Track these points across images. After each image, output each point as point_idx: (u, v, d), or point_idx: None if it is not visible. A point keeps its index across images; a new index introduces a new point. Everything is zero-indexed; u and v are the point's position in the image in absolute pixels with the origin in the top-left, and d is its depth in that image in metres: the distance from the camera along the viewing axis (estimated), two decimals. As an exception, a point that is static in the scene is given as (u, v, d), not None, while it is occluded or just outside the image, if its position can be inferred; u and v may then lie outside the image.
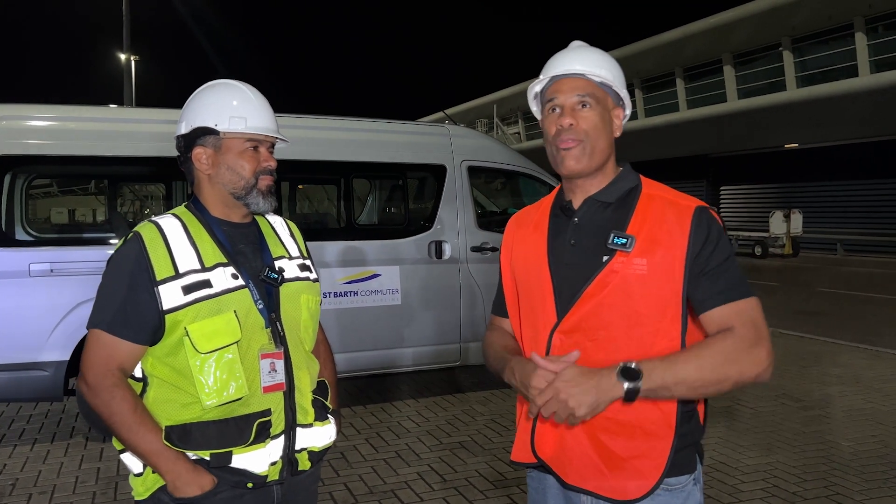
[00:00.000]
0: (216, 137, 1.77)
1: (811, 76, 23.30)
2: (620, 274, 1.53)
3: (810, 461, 4.61)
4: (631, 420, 1.54)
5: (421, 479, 4.38)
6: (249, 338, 1.71)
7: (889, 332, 9.48)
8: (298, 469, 1.81)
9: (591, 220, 1.64)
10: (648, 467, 1.55)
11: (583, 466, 1.58)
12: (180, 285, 1.66)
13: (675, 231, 1.54)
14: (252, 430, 1.69)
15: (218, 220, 1.80)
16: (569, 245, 1.64)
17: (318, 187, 8.77)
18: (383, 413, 5.78)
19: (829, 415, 5.62)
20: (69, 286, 4.75)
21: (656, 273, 1.52)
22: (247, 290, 1.72)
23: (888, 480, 4.28)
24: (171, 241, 1.70)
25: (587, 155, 1.61)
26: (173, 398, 1.68)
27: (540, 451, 1.65)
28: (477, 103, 42.76)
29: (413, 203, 6.53)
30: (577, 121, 1.61)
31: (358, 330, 5.58)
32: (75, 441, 5.09)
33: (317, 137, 5.69)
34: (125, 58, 23.94)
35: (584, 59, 1.67)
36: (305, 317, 1.85)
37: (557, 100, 1.64)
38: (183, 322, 1.65)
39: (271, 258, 1.84)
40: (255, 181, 1.78)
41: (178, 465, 1.64)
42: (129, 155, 5.10)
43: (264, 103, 1.85)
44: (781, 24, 23.05)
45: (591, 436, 1.57)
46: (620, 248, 1.54)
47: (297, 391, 1.79)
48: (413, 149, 6.08)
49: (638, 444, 1.54)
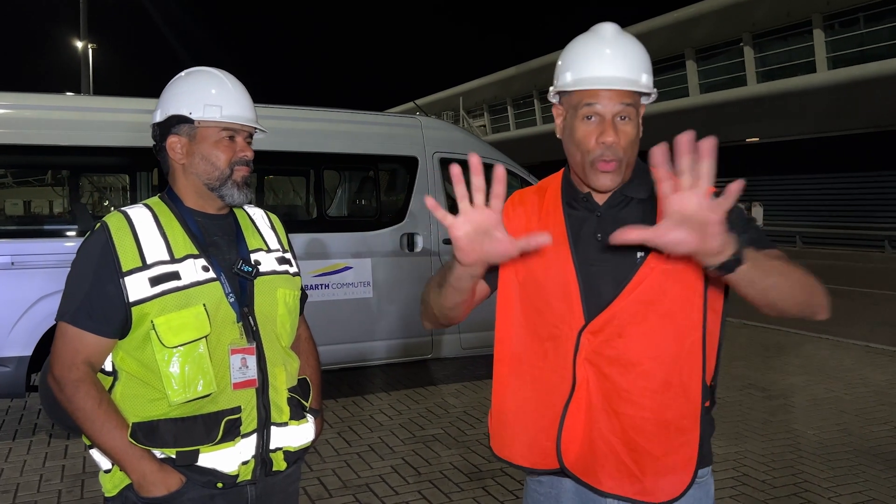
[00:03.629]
0: (190, 126, 1.71)
1: (771, 72, 23.74)
2: (658, 269, 1.47)
3: (778, 450, 4.69)
4: (670, 417, 1.50)
5: (395, 472, 4.35)
6: (219, 332, 1.65)
7: (849, 322, 9.71)
8: (273, 469, 1.75)
9: (617, 214, 1.54)
10: (682, 462, 1.51)
11: (617, 471, 1.51)
12: (147, 277, 1.60)
13: None
14: (220, 429, 1.64)
15: (192, 211, 1.74)
16: (595, 240, 1.54)
17: (288, 179, 8.66)
18: (355, 407, 5.74)
19: (794, 404, 5.73)
20: (31, 279, 4.62)
21: (683, 263, 1.44)
22: (218, 282, 1.67)
23: (853, 468, 4.38)
24: (139, 231, 1.64)
25: (622, 172, 1.52)
26: (141, 393, 1.63)
27: (566, 457, 1.55)
28: (442, 95, 42.70)
29: (385, 195, 6.48)
30: (619, 138, 1.49)
31: (329, 323, 5.52)
32: (38, 438, 4.95)
33: (285, 128, 5.61)
34: (82, 45, 23.37)
35: (627, 57, 1.51)
36: (282, 311, 1.79)
37: (596, 107, 1.49)
38: (150, 315, 1.60)
39: (247, 251, 1.78)
40: (231, 172, 1.72)
41: (144, 463, 1.59)
42: (90, 145, 4.97)
43: (242, 92, 1.79)
44: (742, 20, 23.42)
45: (626, 440, 1.50)
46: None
47: (271, 388, 1.73)
48: (384, 140, 6.03)
49: (672, 440, 1.50)
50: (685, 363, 1.50)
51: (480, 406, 5.71)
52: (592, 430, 1.52)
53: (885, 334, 8.74)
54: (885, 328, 9.25)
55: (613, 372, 1.50)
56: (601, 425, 1.52)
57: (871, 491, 4.03)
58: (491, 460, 4.51)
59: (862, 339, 8.36)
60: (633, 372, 1.49)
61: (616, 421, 1.51)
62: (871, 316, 10.30)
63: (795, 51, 23.01)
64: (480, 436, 4.98)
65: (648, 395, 1.49)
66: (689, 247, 1.22)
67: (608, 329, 1.50)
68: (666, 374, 1.49)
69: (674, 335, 1.49)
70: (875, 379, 6.52)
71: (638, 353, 1.48)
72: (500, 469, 4.36)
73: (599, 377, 1.51)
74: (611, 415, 1.51)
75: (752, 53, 24.30)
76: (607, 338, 1.49)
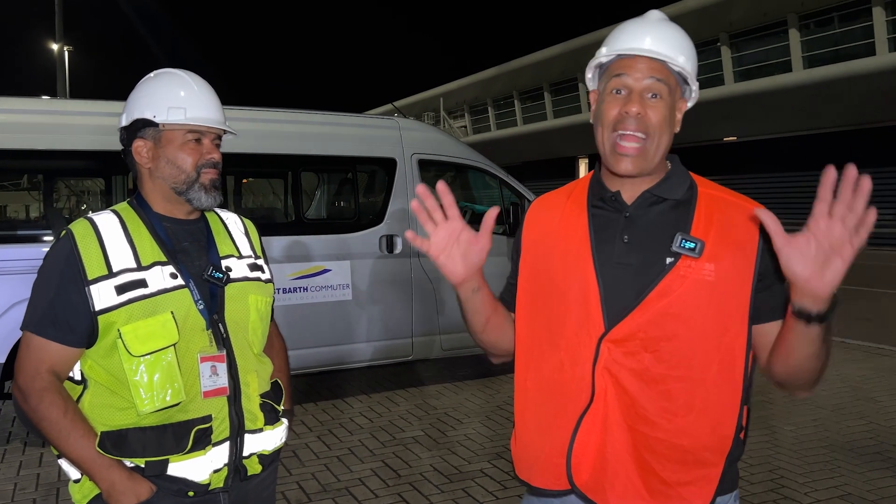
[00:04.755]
0: (155, 129, 1.69)
1: (748, 71, 23.98)
2: (689, 280, 1.36)
3: (755, 446, 4.73)
4: (686, 445, 1.40)
5: (375, 475, 4.34)
6: (188, 340, 1.63)
7: (825, 318, 9.82)
8: (248, 475, 1.74)
9: (647, 216, 1.45)
10: (696, 495, 1.41)
11: (625, 492, 1.41)
12: (113, 285, 1.58)
13: (745, 237, 1.39)
14: (190, 438, 1.61)
15: (160, 217, 1.72)
16: (621, 242, 1.43)
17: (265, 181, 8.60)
18: (335, 410, 5.72)
19: (771, 401, 5.79)
20: (3, 286, 4.55)
21: (723, 282, 1.36)
22: (186, 290, 1.65)
23: (829, 463, 4.43)
24: (105, 238, 1.62)
25: (648, 156, 1.41)
26: (109, 402, 1.61)
27: (576, 477, 1.45)
28: (423, 96, 42.70)
29: (363, 197, 6.47)
30: (646, 110, 1.39)
31: (308, 326, 5.50)
32: (13, 446, 4.88)
33: (263, 130, 5.57)
34: (58, 48, 23.12)
35: (665, 37, 1.43)
36: (254, 318, 1.77)
37: (626, 79, 1.41)
38: (116, 323, 1.57)
39: (218, 257, 1.76)
40: (197, 175, 1.70)
41: (113, 472, 1.56)
42: (66, 148, 4.92)
43: (208, 93, 1.76)
44: (719, 20, 23.65)
45: (637, 458, 1.41)
46: (688, 253, 1.37)
47: (243, 396, 1.71)
48: (362, 142, 6.01)
49: (688, 470, 1.40)
50: (713, 390, 1.39)
51: (461, 407, 5.71)
52: (606, 445, 1.42)
53: (860, 330, 8.85)
54: (861, 324, 9.37)
55: (633, 386, 1.39)
56: (615, 439, 1.42)
57: (846, 486, 4.08)
58: (471, 461, 4.51)
59: (838, 335, 8.45)
60: (655, 389, 1.39)
61: (630, 438, 1.41)
62: (847, 312, 10.42)
63: (772, 50, 23.26)
64: (461, 437, 4.98)
65: (667, 417, 1.39)
66: (804, 269, 1.19)
67: (634, 340, 1.39)
68: (689, 397, 1.39)
69: (703, 357, 1.38)
70: (851, 374, 6.60)
71: (662, 371, 1.38)
72: (480, 470, 4.36)
73: (618, 389, 1.41)
74: (626, 431, 1.41)
75: (729, 53, 24.53)
76: (632, 349, 1.39)
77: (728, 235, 1.39)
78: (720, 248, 1.38)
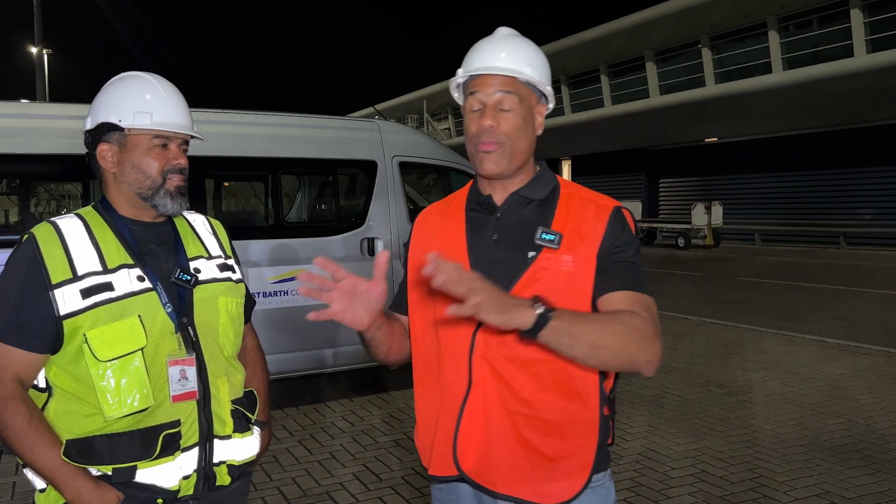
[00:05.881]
0: (121, 134, 1.66)
1: (728, 73, 24.16)
2: (549, 271, 1.51)
3: (735, 446, 4.76)
4: (562, 420, 1.53)
5: (356, 479, 4.32)
6: (157, 344, 1.60)
7: (805, 317, 9.92)
8: (217, 484, 1.70)
9: (514, 215, 1.60)
10: (576, 467, 1.54)
11: (511, 472, 1.54)
12: (78, 289, 1.55)
13: (596, 228, 1.54)
14: (158, 443, 1.58)
15: (126, 220, 1.69)
16: (491, 240, 1.58)
17: (246, 184, 8.57)
18: (316, 414, 5.69)
19: (751, 400, 5.83)
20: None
21: (580, 270, 1.51)
22: (154, 292, 1.62)
23: (808, 461, 4.46)
24: (69, 241, 1.59)
25: (507, 158, 1.56)
26: (75, 409, 1.57)
27: (462, 463, 1.58)
28: (406, 99, 42.64)
29: (344, 200, 6.44)
30: (499, 122, 1.55)
31: (289, 330, 5.46)
32: (-12, 455, 4.82)
33: (244, 133, 5.54)
34: (37, 51, 22.88)
35: (510, 53, 1.57)
36: (224, 320, 1.75)
37: (479, 95, 1.57)
38: (82, 328, 1.54)
39: (186, 259, 1.73)
40: (163, 181, 1.67)
41: (79, 482, 1.53)
42: (44, 153, 4.86)
43: (176, 97, 1.73)
44: (700, 22, 23.80)
45: (519, 438, 1.53)
46: (548, 245, 1.52)
47: (213, 400, 1.69)
48: (343, 144, 5.99)
49: (566, 444, 1.54)
50: (579, 368, 1.51)
51: (443, 410, 5.68)
52: (489, 430, 1.54)
53: (839, 329, 8.95)
54: (840, 323, 9.47)
55: (508, 371, 1.53)
56: (497, 424, 1.54)
57: (825, 484, 4.11)
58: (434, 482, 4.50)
59: (817, 335, 8.54)
60: (527, 372, 1.52)
61: (510, 421, 1.53)
62: (826, 311, 10.53)
63: (752, 52, 23.45)
64: (443, 440, 4.96)
65: (541, 397, 1.52)
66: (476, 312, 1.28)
67: (503, 331, 1.49)
68: (559, 376, 1.52)
69: None
70: (830, 373, 6.67)
71: (532, 355, 1.50)
72: (462, 473, 4.35)
73: (495, 376, 1.54)
74: (505, 414, 1.54)
75: (710, 55, 24.71)
76: (503, 338, 1.51)
77: (581, 229, 1.54)
78: (575, 241, 1.53)
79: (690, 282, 14.77)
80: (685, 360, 7.34)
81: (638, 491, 4.06)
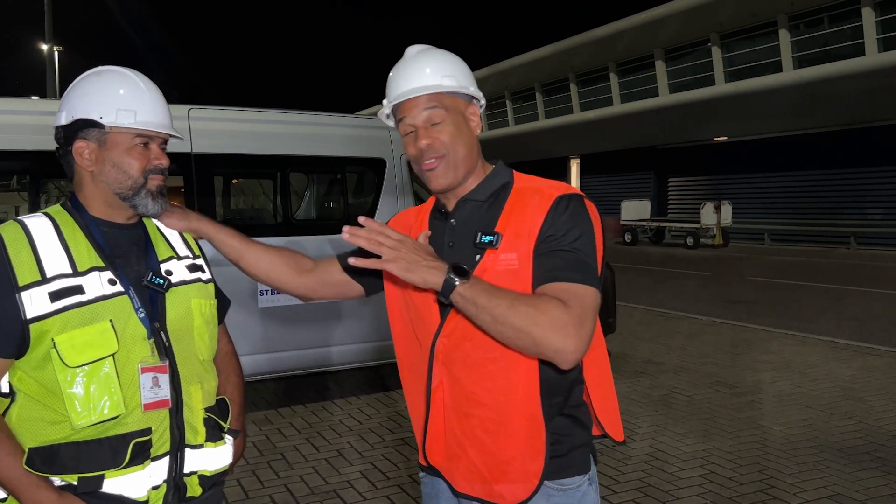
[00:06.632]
0: (101, 131, 1.59)
1: (738, 71, 24.06)
2: (490, 271, 1.51)
3: (745, 446, 4.73)
4: (514, 421, 1.54)
5: (364, 477, 4.32)
6: (128, 350, 1.53)
7: (815, 318, 9.87)
8: (187, 495, 1.63)
9: (466, 220, 1.62)
10: (529, 469, 1.55)
11: (468, 472, 1.59)
12: (47, 291, 1.48)
13: (535, 220, 1.53)
14: (128, 452, 1.51)
15: (97, 220, 1.62)
16: (447, 248, 1.62)
17: (254, 182, 8.57)
18: (324, 412, 5.69)
19: (761, 400, 5.79)
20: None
21: (524, 267, 1.50)
22: (126, 296, 1.56)
23: (818, 463, 4.43)
24: (37, 242, 1.52)
25: (452, 168, 1.59)
26: (40, 416, 1.50)
27: (431, 457, 1.66)
28: (414, 97, 42.62)
29: (352, 197, 6.44)
30: (433, 137, 1.58)
31: (297, 328, 5.47)
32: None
33: (253, 131, 5.54)
34: (48, 48, 23.00)
35: (422, 72, 1.60)
36: (198, 323, 1.68)
37: (408, 120, 1.60)
38: (50, 332, 1.47)
39: (157, 262, 1.67)
40: (145, 181, 1.61)
41: (41, 492, 1.46)
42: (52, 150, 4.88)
43: (157, 95, 1.67)
44: (709, 20, 23.71)
45: (474, 440, 1.57)
46: (488, 247, 1.53)
47: (185, 408, 1.62)
48: (352, 142, 5.99)
49: (519, 444, 1.55)
50: (527, 366, 1.52)
51: (451, 408, 5.68)
52: (447, 431, 1.61)
53: (850, 329, 8.89)
54: (850, 323, 9.41)
55: (462, 374, 1.56)
56: (454, 426, 1.59)
57: (835, 486, 4.08)
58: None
59: (827, 335, 8.49)
60: (478, 373, 1.55)
61: (466, 422, 1.57)
62: (837, 311, 10.47)
63: (762, 51, 23.35)
64: (450, 438, 4.95)
65: (492, 397, 1.54)
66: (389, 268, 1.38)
67: (457, 332, 1.55)
68: (509, 376, 1.53)
69: None
70: (840, 374, 6.62)
71: (482, 356, 1.53)
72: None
73: (451, 379, 1.58)
74: (461, 416, 1.58)
75: (720, 53, 24.61)
76: (456, 341, 1.55)
77: (523, 222, 1.54)
78: (516, 237, 1.53)
79: (699, 281, 14.71)
80: (694, 360, 7.31)
81: (646, 492, 4.04)
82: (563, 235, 1.49)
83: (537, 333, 1.37)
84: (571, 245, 1.49)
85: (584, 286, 1.44)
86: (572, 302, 1.40)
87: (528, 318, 1.37)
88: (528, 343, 1.39)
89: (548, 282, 1.45)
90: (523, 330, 1.37)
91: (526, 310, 1.37)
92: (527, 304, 1.39)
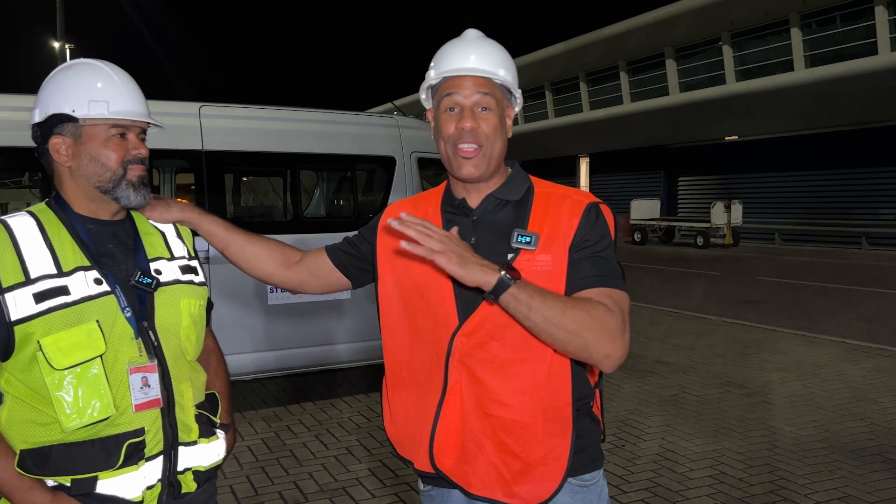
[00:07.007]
0: (75, 125, 1.56)
1: (749, 70, 23.94)
2: (527, 271, 1.49)
3: (755, 447, 4.71)
4: (535, 420, 1.53)
5: (373, 475, 4.32)
6: (116, 350, 1.51)
7: (825, 318, 9.81)
8: (182, 492, 1.62)
9: (491, 218, 1.61)
10: (552, 469, 1.54)
11: (487, 474, 1.55)
12: (31, 293, 1.45)
13: (570, 224, 1.55)
14: (121, 453, 1.49)
15: (82, 218, 1.59)
16: (469, 244, 1.53)
17: (264, 179, 8.59)
18: (332, 409, 5.70)
19: (771, 401, 5.77)
20: None
21: (558, 269, 1.52)
22: (112, 296, 1.53)
23: (829, 464, 4.40)
24: (20, 242, 1.49)
25: (486, 161, 1.58)
26: (30, 418, 1.48)
27: (440, 461, 1.59)
28: (424, 95, 42.61)
29: (362, 195, 6.44)
30: (479, 123, 1.56)
31: (307, 325, 5.48)
32: None
33: (263, 128, 5.56)
34: (59, 45, 23.11)
35: (485, 55, 1.58)
36: (187, 323, 1.66)
37: (456, 97, 1.57)
38: (35, 335, 1.44)
39: (146, 260, 1.64)
40: (124, 172, 1.58)
41: (34, 495, 1.44)
42: None
43: (130, 84, 1.63)
44: (720, 19, 23.60)
45: (496, 441, 1.54)
46: (525, 247, 1.53)
47: (177, 407, 1.60)
48: (362, 140, 5.99)
49: (542, 444, 1.53)
50: (558, 367, 1.53)
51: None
52: (464, 432, 1.56)
53: (861, 330, 8.83)
54: (862, 324, 9.35)
55: (485, 374, 1.53)
56: (472, 427, 1.55)
57: (846, 487, 4.06)
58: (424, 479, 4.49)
59: (838, 336, 8.43)
60: (505, 374, 1.52)
61: (487, 423, 1.54)
62: (848, 312, 10.40)
63: (773, 49, 23.21)
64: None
65: (518, 398, 1.52)
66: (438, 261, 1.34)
67: (481, 331, 1.53)
68: (536, 377, 1.52)
69: None
70: (851, 375, 6.58)
71: (510, 356, 1.52)
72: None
73: (471, 379, 1.54)
74: (482, 416, 1.54)
75: (731, 52, 24.49)
76: (480, 340, 1.53)
77: (557, 227, 1.55)
78: (552, 240, 1.54)
79: (709, 281, 14.65)
80: (704, 359, 7.28)
81: (656, 492, 4.03)
82: (597, 242, 1.53)
83: (589, 337, 1.39)
84: (605, 252, 1.54)
85: (623, 292, 1.50)
86: (616, 308, 1.44)
87: (581, 322, 1.38)
88: (578, 346, 1.40)
89: (590, 287, 1.48)
90: (576, 333, 1.38)
91: (578, 314, 1.39)
92: (579, 308, 1.40)
